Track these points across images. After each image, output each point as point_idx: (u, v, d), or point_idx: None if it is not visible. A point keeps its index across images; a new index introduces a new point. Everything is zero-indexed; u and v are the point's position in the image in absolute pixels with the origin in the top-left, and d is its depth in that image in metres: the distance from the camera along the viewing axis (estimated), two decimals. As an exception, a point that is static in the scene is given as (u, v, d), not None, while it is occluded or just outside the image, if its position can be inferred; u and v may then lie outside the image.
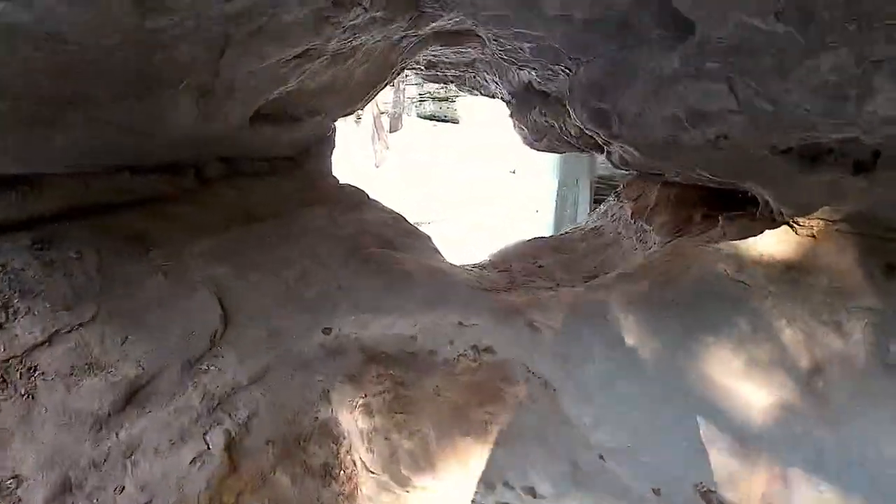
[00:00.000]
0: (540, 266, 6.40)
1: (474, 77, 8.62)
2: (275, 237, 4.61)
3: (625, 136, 4.27)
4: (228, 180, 4.85)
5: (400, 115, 24.54)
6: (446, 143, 23.91)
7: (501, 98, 8.36)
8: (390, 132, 23.84)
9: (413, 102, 25.50)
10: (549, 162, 14.91)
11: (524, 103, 6.86)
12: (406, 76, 24.16)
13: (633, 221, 6.60)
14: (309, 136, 5.65)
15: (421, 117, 25.52)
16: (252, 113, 4.12)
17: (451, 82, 8.98)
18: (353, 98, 5.39)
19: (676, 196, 6.01)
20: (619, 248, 6.55)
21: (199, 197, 4.50)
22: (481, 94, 9.09)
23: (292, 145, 5.51)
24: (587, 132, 4.96)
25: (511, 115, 7.80)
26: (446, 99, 24.99)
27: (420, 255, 5.39)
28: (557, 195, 14.68)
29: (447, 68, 7.76)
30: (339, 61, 4.21)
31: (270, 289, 4.14)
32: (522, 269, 6.20)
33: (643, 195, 6.73)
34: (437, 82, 9.33)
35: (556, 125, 6.24)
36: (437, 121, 25.28)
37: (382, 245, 5.22)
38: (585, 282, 5.13)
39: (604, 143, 5.21)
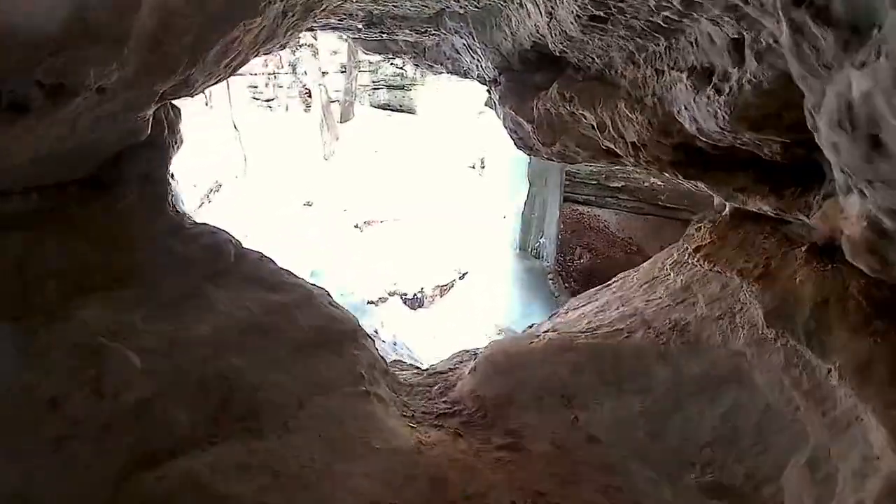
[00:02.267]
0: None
1: (438, 45, 6.85)
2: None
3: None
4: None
5: (351, 104, 22.73)
6: (401, 134, 22.22)
7: (479, 78, 6.72)
8: (341, 122, 22.06)
9: (366, 90, 23.68)
10: (512, 157, 13.47)
11: (521, 84, 5.57)
12: (360, 61, 22.51)
13: (774, 339, 3.32)
14: (109, 134, 3.36)
15: (374, 107, 23.75)
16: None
17: (404, 53, 7.24)
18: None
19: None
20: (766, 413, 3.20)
21: None
22: (447, 70, 7.32)
23: (77, 157, 3.29)
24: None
25: (497, 103, 6.33)
26: (402, 87, 23.36)
27: (319, 426, 2.96)
28: (528, 195, 13.27)
29: (398, 27, 6.04)
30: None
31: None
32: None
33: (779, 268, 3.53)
34: (383, 53, 7.54)
35: (589, 119, 4.60)
36: (392, 110, 23.63)
37: (235, 406, 2.85)
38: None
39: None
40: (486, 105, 8.20)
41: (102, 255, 3.25)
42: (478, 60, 6.34)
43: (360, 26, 5.96)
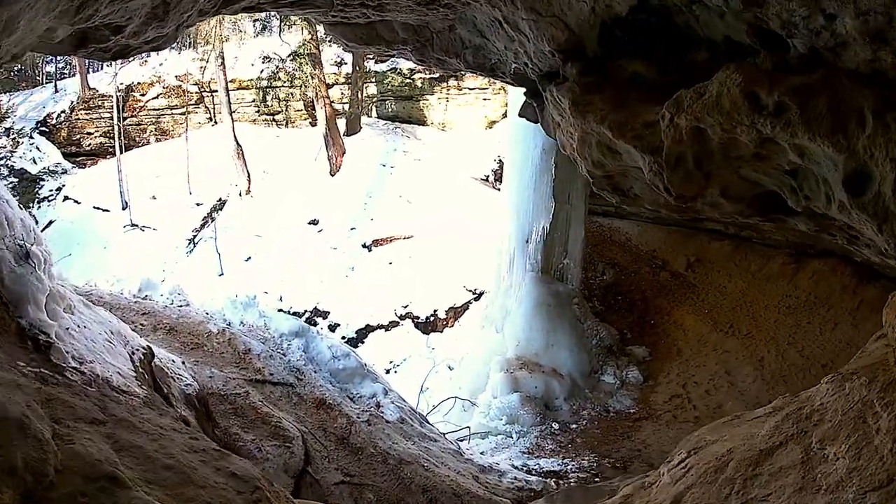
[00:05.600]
0: None
1: (451, 28, 5.23)
2: None
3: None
4: None
5: (358, 117, 21.77)
6: (410, 147, 21.21)
7: (514, 74, 5.21)
8: (347, 135, 21.07)
9: (373, 101, 22.71)
10: (532, 167, 12.40)
11: (614, 80, 4.00)
12: (367, 70, 21.57)
13: None
14: None
15: (382, 118, 22.74)
16: None
17: (402, 44, 5.71)
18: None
19: None
20: None
21: None
22: (465, 65, 5.68)
23: None
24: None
25: (556, 113, 4.70)
26: (410, 97, 22.35)
27: None
28: (552, 215, 12.12)
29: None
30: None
31: None
32: None
33: None
34: (374, 45, 5.80)
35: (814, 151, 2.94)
36: (400, 122, 22.61)
37: None
38: None
39: None
40: (521, 115, 6.45)
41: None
42: (519, 45, 4.59)
43: (340, 4, 4.53)
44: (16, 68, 24.40)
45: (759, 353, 11.19)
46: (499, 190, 16.80)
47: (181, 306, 7.09)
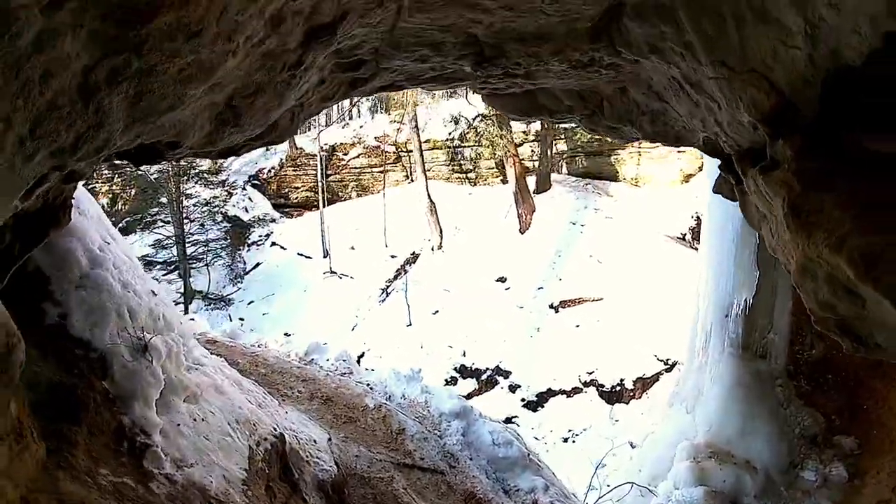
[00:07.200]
0: None
1: (623, 91, 4.45)
2: None
3: None
4: None
5: (548, 174, 21.55)
6: (601, 204, 20.48)
7: (706, 143, 4.23)
8: (537, 192, 20.91)
9: (563, 158, 22.41)
10: (733, 231, 11.12)
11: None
12: (556, 127, 21.41)
13: None
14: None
15: (572, 174, 22.34)
16: None
17: (567, 113, 5.05)
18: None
19: None
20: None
21: None
22: (643, 135, 4.81)
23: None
24: None
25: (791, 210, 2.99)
26: (601, 153, 21.67)
27: None
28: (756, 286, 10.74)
29: (536, 61, 3.86)
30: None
31: None
32: None
33: None
34: (531, 115, 5.40)
35: None
36: (591, 178, 22.00)
37: None
38: None
39: None
40: (716, 191, 5.22)
41: None
42: (707, 111, 3.49)
43: (466, 68, 3.93)
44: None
45: None
46: (696, 249, 15.42)
47: (343, 374, 7.16)
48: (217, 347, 6.68)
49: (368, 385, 7.02)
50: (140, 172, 23.10)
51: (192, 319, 7.97)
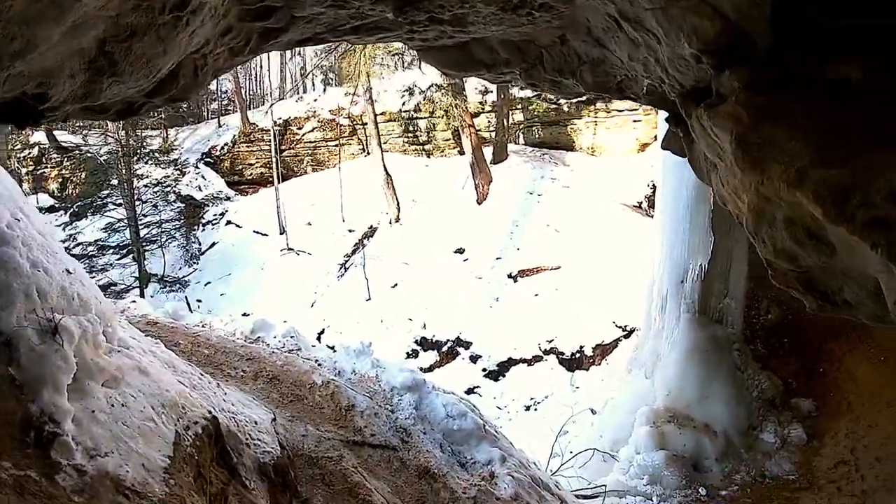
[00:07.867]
0: None
1: (562, 39, 4.13)
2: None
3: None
4: None
5: (504, 144, 21.40)
6: (558, 173, 20.47)
7: (648, 91, 3.97)
8: (493, 163, 20.77)
9: (519, 128, 22.29)
10: (687, 197, 11.17)
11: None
12: (513, 97, 21.21)
13: None
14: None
15: (529, 145, 22.24)
16: None
17: (504, 66, 4.66)
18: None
19: None
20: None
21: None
22: (584, 86, 4.47)
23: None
24: None
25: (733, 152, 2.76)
26: (557, 122, 21.63)
27: None
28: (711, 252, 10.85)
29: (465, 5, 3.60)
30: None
31: None
32: None
33: None
34: (464, 70, 4.95)
35: None
36: (548, 148, 21.96)
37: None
38: None
39: None
40: (665, 147, 4.97)
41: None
42: (647, 50, 3.25)
43: (388, 14, 3.55)
44: (183, 106, 26.98)
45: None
46: (652, 217, 15.53)
47: (290, 351, 6.95)
48: (157, 329, 6.38)
49: (317, 361, 6.81)
50: (90, 154, 22.27)
51: (134, 302, 7.62)
